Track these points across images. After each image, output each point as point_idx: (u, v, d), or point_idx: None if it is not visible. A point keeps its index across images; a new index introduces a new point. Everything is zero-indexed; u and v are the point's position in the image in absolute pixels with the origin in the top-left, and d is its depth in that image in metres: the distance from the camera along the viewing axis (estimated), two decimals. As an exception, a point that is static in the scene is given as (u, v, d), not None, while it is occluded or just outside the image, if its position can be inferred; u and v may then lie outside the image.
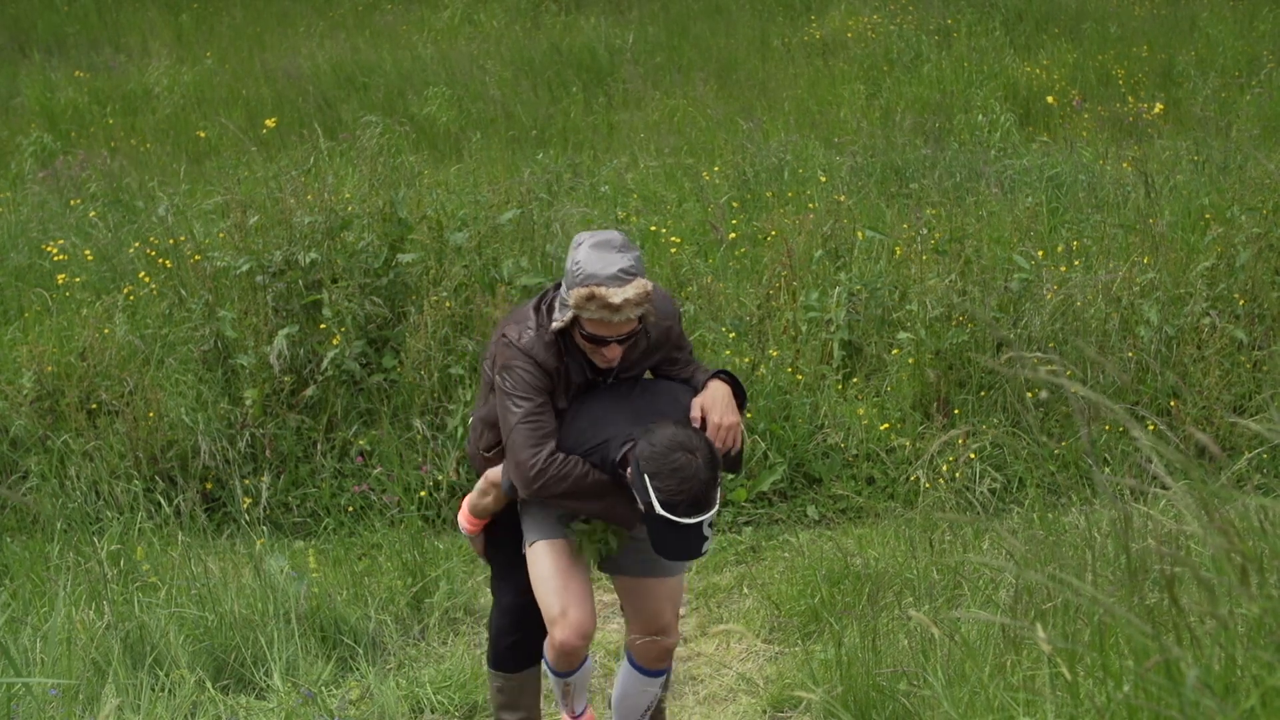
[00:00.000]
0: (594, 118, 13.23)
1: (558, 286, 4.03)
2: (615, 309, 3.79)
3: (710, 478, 3.68)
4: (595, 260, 3.81)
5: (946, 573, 5.18)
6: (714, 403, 4.03)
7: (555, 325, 3.94)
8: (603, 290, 3.77)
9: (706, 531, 3.76)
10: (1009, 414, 6.96)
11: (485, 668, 4.61)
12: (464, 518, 4.40)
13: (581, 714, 4.56)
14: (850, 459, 6.86)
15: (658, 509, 3.68)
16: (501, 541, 4.36)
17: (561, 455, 3.92)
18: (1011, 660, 3.68)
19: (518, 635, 4.40)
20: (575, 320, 3.89)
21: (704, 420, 3.99)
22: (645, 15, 16.69)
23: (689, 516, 3.67)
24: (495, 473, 4.20)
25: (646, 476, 3.69)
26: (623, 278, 3.79)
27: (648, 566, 4.21)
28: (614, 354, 3.94)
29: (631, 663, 4.37)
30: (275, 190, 7.65)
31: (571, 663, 4.25)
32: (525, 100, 13.78)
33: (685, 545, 3.75)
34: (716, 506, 3.74)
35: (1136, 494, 4.72)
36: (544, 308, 4.04)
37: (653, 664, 4.33)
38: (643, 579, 4.25)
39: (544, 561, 4.13)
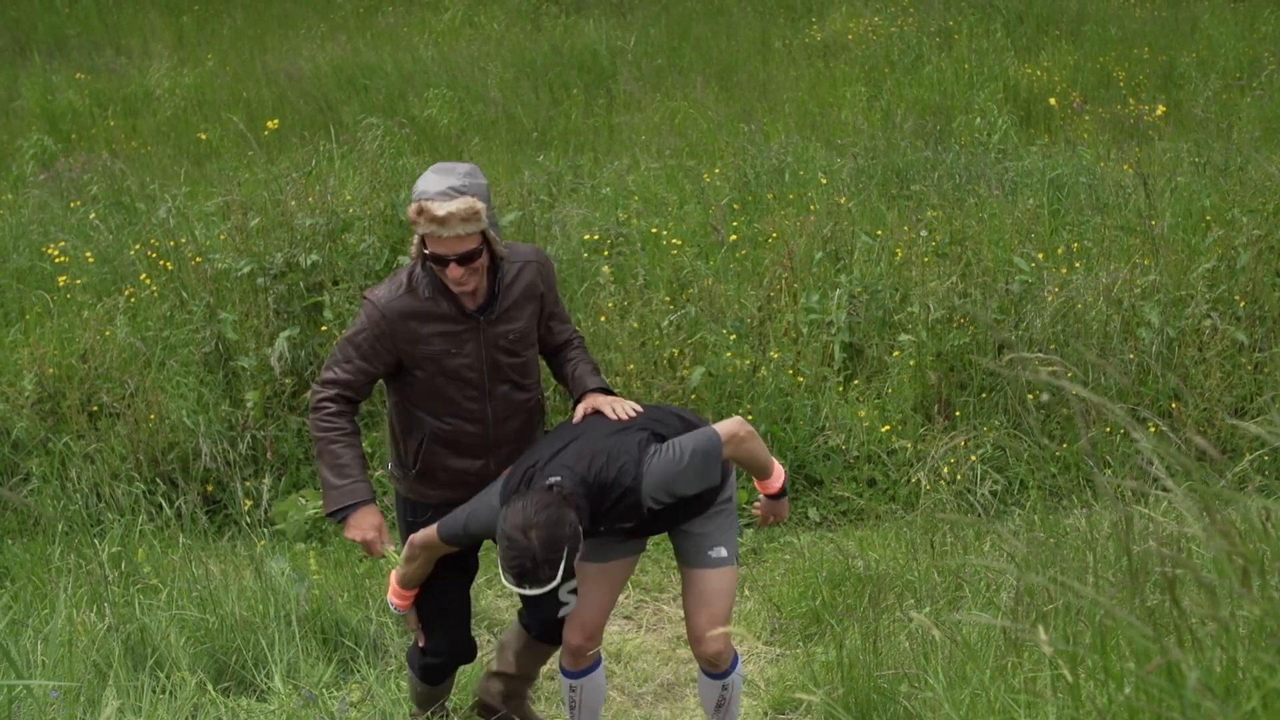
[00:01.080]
0: (595, 119, 13.23)
1: None
2: (441, 221, 3.97)
3: (545, 559, 3.81)
4: (429, 180, 4.04)
5: (947, 575, 5.18)
6: (601, 402, 4.30)
7: (412, 253, 4.18)
8: (429, 204, 3.98)
9: (565, 598, 4.06)
10: (1010, 416, 6.96)
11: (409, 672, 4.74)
12: (394, 595, 4.42)
13: None
14: (851, 461, 6.86)
15: (502, 575, 3.89)
16: (432, 591, 4.44)
17: (335, 408, 4.20)
18: (1013, 662, 3.68)
19: (443, 663, 4.62)
20: (422, 244, 4.10)
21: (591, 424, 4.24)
22: (646, 17, 16.69)
23: (521, 588, 3.85)
24: (420, 535, 4.26)
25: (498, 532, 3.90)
26: (450, 194, 3.99)
27: (682, 555, 4.38)
28: (456, 275, 4.09)
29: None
30: (276, 192, 7.66)
31: (578, 662, 4.41)
32: (526, 102, 13.78)
33: (535, 612, 4.21)
34: (554, 583, 3.86)
35: (1138, 496, 4.72)
36: (408, 272, 4.27)
37: (707, 666, 4.44)
38: (682, 569, 4.40)
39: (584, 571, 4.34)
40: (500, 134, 12.80)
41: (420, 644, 4.52)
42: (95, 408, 6.90)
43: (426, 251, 4.08)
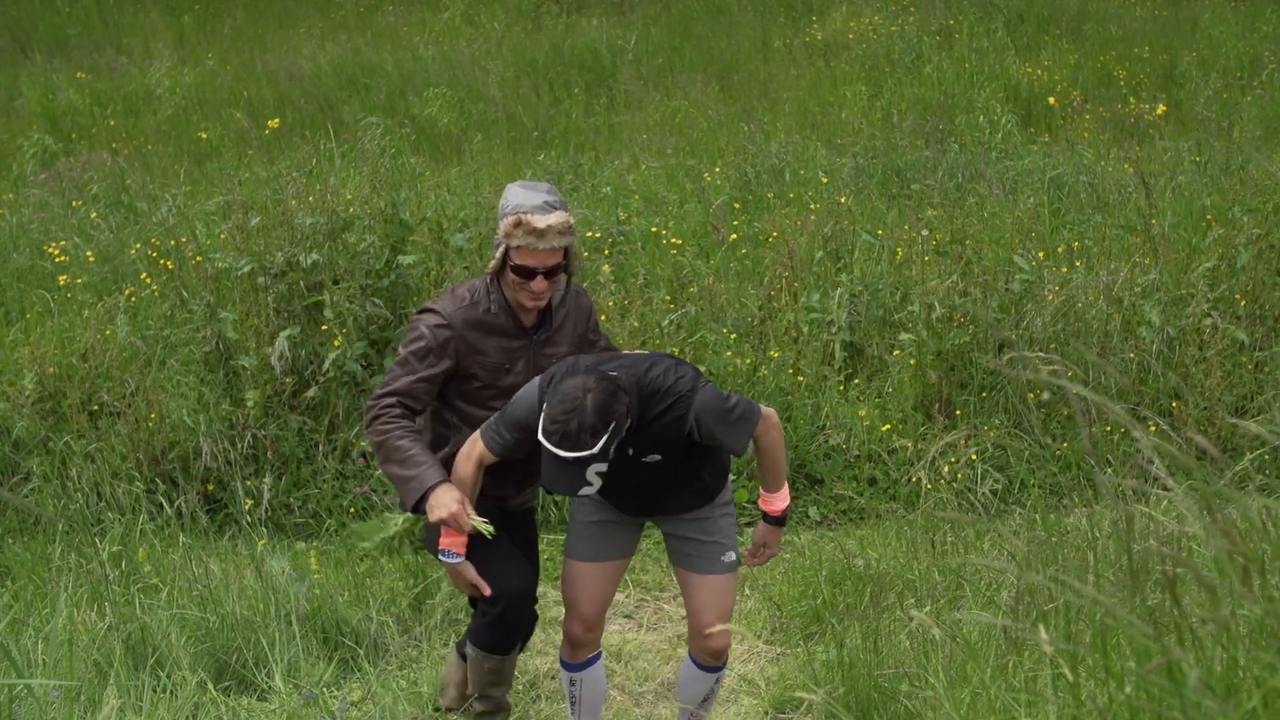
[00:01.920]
0: (595, 119, 13.23)
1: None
2: (540, 234, 4.14)
3: (594, 424, 3.81)
4: (523, 194, 4.21)
5: (948, 574, 5.18)
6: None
7: (489, 266, 4.28)
8: (529, 217, 4.14)
9: (591, 477, 3.90)
10: (1010, 415, 6.97)
11: (473, 649, 4.53)
12: (446, 537, 4.23)
13: None
14: (852, 460, 6.87)
15: (539, 433, 3.89)
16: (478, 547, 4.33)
17: (395, 411, 4.20)
18: (1013, 661, 3.68)
19: (510, 613, 4.44)
20: (505, 258, 4.22)
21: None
22: (647, 16, 16.69)
23: (559, 448, 3.84)
24: (463, 447, 4.25)
25: (545, 403, 3.92)
26: (547, 208, 4.18)
27: (688, 560, 4.43)
28: (541, 287, 4.22)
29: (690, 654, 4.57)
30: (277, 191, 7.66)
31: (577, 654, 4.52)
32: (526, 101, 13.78)
33: (560, 478, 3.91)
34: (595, 450, 3.84)
35: (1138, 495, 4.72)
36: (469, 287, 4.37)
37: (704, 660, 4.52)
38: (687, 573, 4.45)
39: (576, 568, 4.48)
40: (501, 133, 12.80)
41: (486, 593, 4.30)
42: (96, 407, 6.90)
43: (514, 264, 4.20)
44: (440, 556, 4.25)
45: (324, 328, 6.96)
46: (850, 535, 6.43)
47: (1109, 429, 6.76)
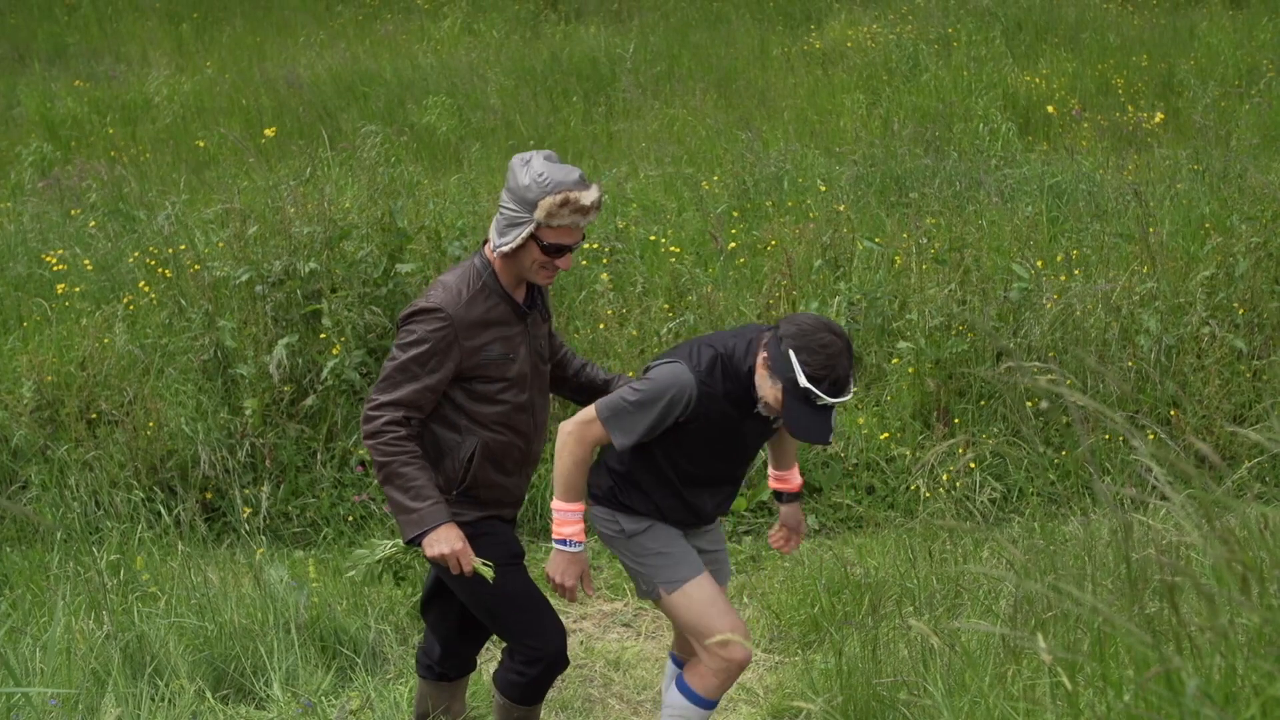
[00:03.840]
0: (594, 127, 13.24)
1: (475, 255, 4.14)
2: (585, 211, 3.92)
3: (850, 364, 3.79)
4: (553, 168, 3.92)
5: (946, 582, 5.18)
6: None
7: (506, 247, 3.98)
8: (575, 194, 3.89)
9: (833, 422, 3.87)
10: (1009, 423, 6.97)
11: (504, 699, 4.33)
12: (559, 520, 4.07)
13: None
14: (850, 468, 6.87)
15: (801, 381, 3.76)
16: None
17: (401, 431, 3.94)
18: (1012, 670, 3.68)
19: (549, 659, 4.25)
20: (532, 237, 3.96)
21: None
22: (645, 25, 16.71)
23: (830, 395, 3.77)
24: (572, 423, 4.06)
25: (791, 352, 3.78)
26: (585, 182, 3.94)
27: (714, 576, 4.30)
28: (567, 264, 4.04)
29: (681, 678, 4.32)
30: (275, 200, 7.66)
31: (730, 682, 4.21)
32: (525, 109, 13.79)
33: (815, 426, 3.82)
34: (849, 396, 3.85)
35: (1136, 503, 4.72)
36: (465, 272, 4.09)
37: (718, 679, 4.25)
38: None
39: (703, 593, 4.13)
40: (499, 141, 12.81)
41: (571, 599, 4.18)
42: (94, 415, 6.90)
43: (548, 243, 3.95)
44: (559, 546, 4.07)
45: (322, 336, 6.96)
46: (849, 544, 6.43)
47: (1107, 437, 6.76)
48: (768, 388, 3.91)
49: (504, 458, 4.15)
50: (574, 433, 4.03)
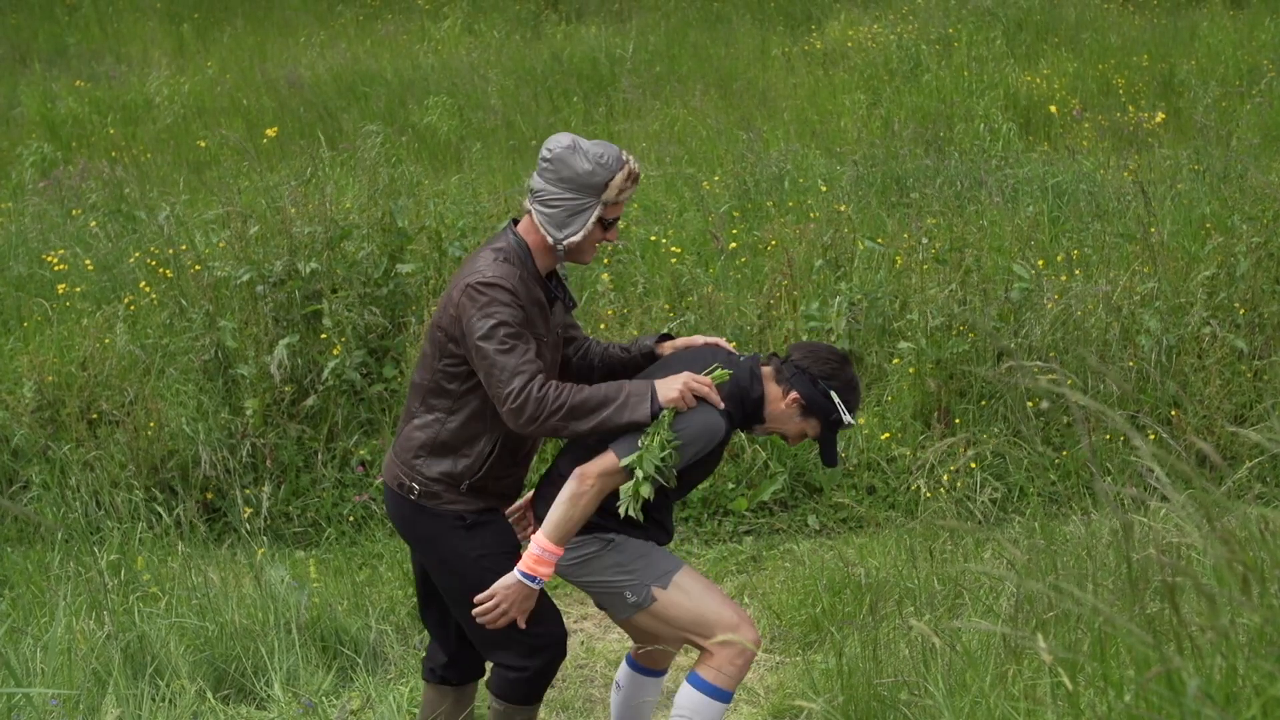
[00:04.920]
0: (594, 127, 13.23)
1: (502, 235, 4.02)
2: (637, 180, 3.95)
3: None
4: (606, 147, 3.90)
5: (947, 582, 5.18)
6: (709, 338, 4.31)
7: (579, 236, 3.90)
8: (636, 165, 3.92)
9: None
10: (1010, 423, 6.97)
11: (503, 704, 4.23)
12: (538, 563, 3.90)
13: None
14: (851, 468, 6.86)
15: (847, 419, 4.07)
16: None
17: (545, 381, 3.78)
18: (1013, 670, 3.67)
19: (550, 654, 4.19)
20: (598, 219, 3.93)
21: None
22: (645, 25, 16.70)
23: (854, 417, 4.13)
24: (594, 466, 3.87)
25: (834, 393, 4.03)
26: (628, 155, 3.95)
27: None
28: (615, 235, 4.02)
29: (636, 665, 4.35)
30: (275, 200, 7.66)
31: (748, 668, 4.15)
32: (526, 110, 13.79)
33: (836, 450, 4.16)
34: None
35: (1137, 503, 4.72)
36: (506, 253, 3.97)
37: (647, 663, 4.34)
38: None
39: (695, 581, 4.08)
40: (500, 142, 12.81)
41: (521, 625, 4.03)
42: (95, 415, 6.90)
43: (609, 220, 3.92)
44: (526, 580, 3.90)
45: (323, 336, 6.97)
46: (849, 543, 6.43)
47: (1108, 437, 6.76)
48: (795, 423, 4.06)
49: (518, 449, 4.09)
50: (596, 485, 3.86)
